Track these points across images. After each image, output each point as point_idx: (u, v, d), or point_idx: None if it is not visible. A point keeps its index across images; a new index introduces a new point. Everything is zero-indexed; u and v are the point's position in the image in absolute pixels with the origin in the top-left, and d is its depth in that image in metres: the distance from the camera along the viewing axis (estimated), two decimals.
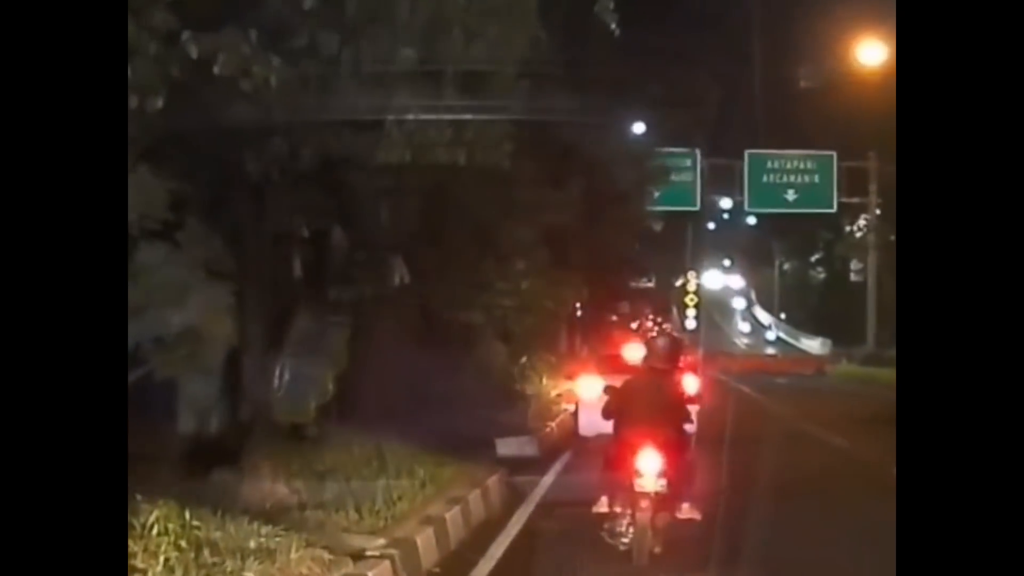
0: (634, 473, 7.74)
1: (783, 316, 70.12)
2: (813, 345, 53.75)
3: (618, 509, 7.94)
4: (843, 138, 37.24)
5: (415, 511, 8.59)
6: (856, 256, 47.94)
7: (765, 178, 39.45)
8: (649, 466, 7.73)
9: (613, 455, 8.10)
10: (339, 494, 8.76)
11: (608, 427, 8.39)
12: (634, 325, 51.74)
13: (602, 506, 8.09)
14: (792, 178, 39.36)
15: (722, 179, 40.36)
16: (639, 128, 26.29)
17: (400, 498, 8.87)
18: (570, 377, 19.95)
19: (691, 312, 59.69)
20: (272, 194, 9.17)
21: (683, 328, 61.81)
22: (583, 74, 16.43)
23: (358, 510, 8.30)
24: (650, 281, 58.48)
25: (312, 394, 10.40)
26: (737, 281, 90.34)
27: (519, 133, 10.09)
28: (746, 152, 39.36)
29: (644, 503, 7.70)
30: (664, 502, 7.81)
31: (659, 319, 63.10)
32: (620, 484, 7.90)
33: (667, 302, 69.77)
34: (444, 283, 15.40)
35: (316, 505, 8.50)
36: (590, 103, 17.29)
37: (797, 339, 60.53)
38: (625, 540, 7.84)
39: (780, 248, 68.83)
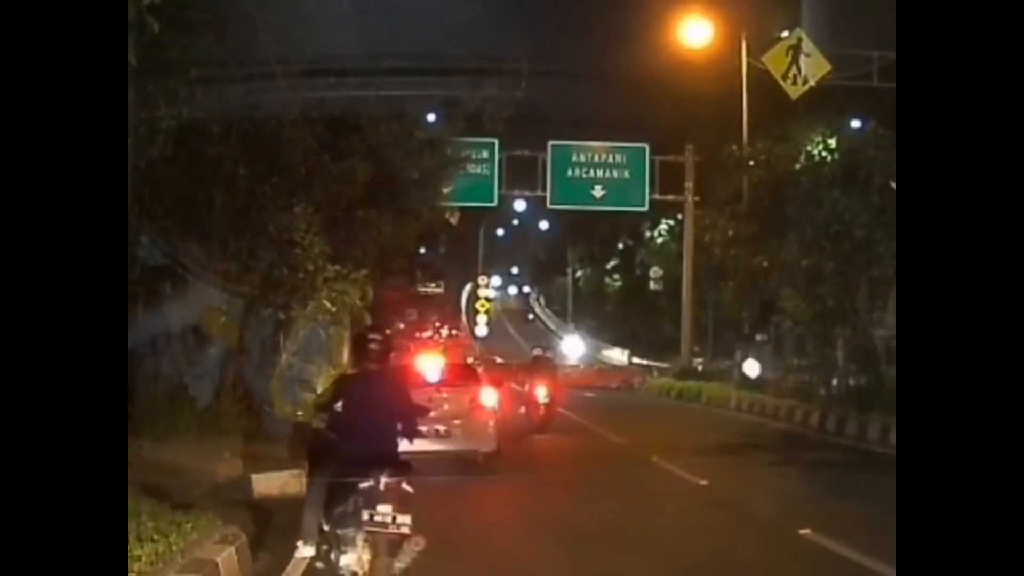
0: (535, 394, 21.42)
1: (573, 326, 67.81)
2: (611, 356, 51.09)
3: (525, 411, 21.55)
4: (660, 130, 34.09)
5: None
6: (657, 263, 45.32)
7: (570, 172, 35.71)
8: (542, 391, 21.36)
9: (527, 389, 21.92)
10: None
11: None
12: (424, 334, 48.36)
13: (521, 410, 21.45)
14: (600, 172, 35.80)
15: (524, 174, 36.46)
16: (432, 116, 23.46)
17: None
18: None
19: (482, 319, 56.78)
20: None
21: (473, 336, 58.85)
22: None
23: None
24: (439, 286, 55.90)
25: None
26: (525, 287, 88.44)
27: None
28: (549, 143, 35.67)
29: (540, 407, 21.24)
30: (549, 408, 21.46)
31: (449, 327, 60.01)
32: (530, 399, 21.56)
33: (456, 308, 66.82)
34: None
35: None
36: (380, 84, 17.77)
37: (596, 350, 57.79)
38: (532, 422, 20.93)
39: (575, 254, 66.27)
